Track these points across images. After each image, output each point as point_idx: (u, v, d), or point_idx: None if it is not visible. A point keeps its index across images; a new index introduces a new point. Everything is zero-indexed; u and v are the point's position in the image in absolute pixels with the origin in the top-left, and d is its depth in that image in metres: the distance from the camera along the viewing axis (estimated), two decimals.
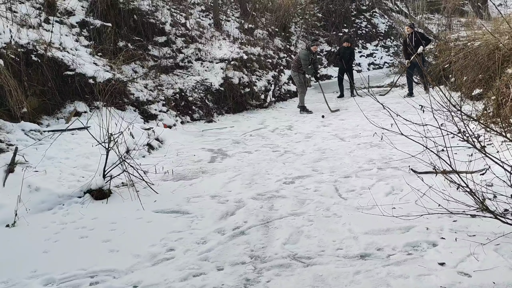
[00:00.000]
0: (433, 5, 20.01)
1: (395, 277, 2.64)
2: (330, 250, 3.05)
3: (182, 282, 2.79)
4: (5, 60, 6.13)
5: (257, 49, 11.90)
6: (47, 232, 3.70)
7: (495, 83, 6.09)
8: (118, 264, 3.05)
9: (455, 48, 9.07)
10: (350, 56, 10.85)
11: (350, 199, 4.03)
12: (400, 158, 4.55)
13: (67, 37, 7.93)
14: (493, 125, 5.28)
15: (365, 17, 20.23)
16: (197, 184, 4.84)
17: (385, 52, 19.33)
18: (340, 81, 10.96)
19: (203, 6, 13.31)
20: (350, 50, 11.05)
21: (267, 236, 3.36)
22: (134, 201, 4.24)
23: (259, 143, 6.74)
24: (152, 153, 6.41)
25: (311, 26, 18.00)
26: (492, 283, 2.48)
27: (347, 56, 10.72)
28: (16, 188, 4.11)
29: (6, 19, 6.97)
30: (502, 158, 3.21)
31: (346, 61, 10.60)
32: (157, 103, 8.37)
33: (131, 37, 9.44)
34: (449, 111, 3.26)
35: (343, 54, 10.81)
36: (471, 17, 14.22)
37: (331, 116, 8.75)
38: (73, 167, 5.01)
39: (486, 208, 3.01)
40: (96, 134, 4.65)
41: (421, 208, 3.29)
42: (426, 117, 3.56)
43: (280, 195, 4.27)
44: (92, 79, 7.27)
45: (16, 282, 2.90)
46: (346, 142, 6.30)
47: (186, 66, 10.05)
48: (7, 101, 5.81)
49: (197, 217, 3.84)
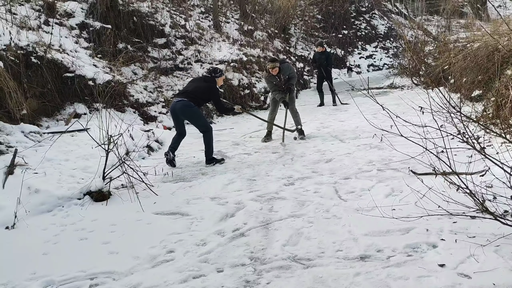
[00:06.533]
0: (432, 6, 20.05)
1: (395, 278, 2.63)
2: (330, 252, 3.05)
3: (182, 284, 2.78)
4: (4, 62, 6.13)
5: (257, 50, 11.92)
6: (47, 234, 3.69)
7: (495, 84, 6.10)
8: (118, 266, 3.04)
9: (455, 50, 9.09)
10: (326, 62, 10.25)
11: (350, 200, 4.02)
12: (400, 159, 4.55)
13: (67, 39, 7.94)
14: (493, 126, 5.28)
15: (364, 19, 20.27)
16: (197, 185, 4.83)
17: (384, 54, 19.36)
18: (320, 89, 10.42)
19: (203, 8, 13.33)
20: (326, 55, 10.41)
21: (267, 238, 3.36)
22: (134, 203, 4.23)
23: (259, 145, 6.74)
24: (152, 154, 6.41)
25: (311, 28, 18.03)
26: (492, 284, 2.48)
27: (324, 62, 10.18)
28: (16, 190, 4.11)
29: (6, 21, 6.98)
30: (502, 159, 3.21)
31: (324, 67, 10.12)
32: (156, 105, 8.38)
33: (130, 39, 9.45)
34: (449, 113, 3.26)
35: (318, 60, 10.28)
36: (470, 19, 14.25)
37: (330, 117, 8.75)
38: (73, 169, 5.00)
39: (486, 210, 3.01)
40: (95, 136, 4.65)
41: (421, 209, 3.29)
42: (426, 119, 3.57)
43: (280, 197, 4.26)
44: (92, 81, 7.28)
45: (16, 284, 2.89)
46: (345, 144, 6.30)
47: (186, 68, 10.06)
48: (6, 103, 5.82)
49: (196, 218, 3.84)
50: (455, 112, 3.24)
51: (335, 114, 9.18)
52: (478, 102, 6.67)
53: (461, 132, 3.22)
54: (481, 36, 7.84)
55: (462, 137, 3.18)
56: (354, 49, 18.87)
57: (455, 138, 3.41)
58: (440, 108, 3.31)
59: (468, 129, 3.25)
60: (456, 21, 16.43)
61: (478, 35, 8.38)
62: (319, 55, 10.34)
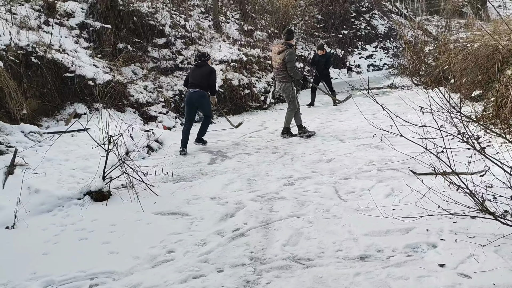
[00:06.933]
0: (432, 6, 20.05)
1: (395, 278, 2.63)
2: (330, 252, 3.05)
3: (182, 284, 2.78)
4: (4, 62, 6.14)
5: (257, 50, 11.92)
6: (47, 234, 3.69)
7: (495, 84, 6.10)
8: (118, 266, 3.04)
9: (455, 50, 9.09)
10: (325, 64, 10.52)
11: (350, 200, 4.03)
12: (400, 159, 4.56)
13: (67, 39, 7.94)
14: (493, 126, 5.28)
15: (364, 19, 20.27)
16: (197, 185, 4.83)
17: (384, 54, 19.36)
18: (313, 90, 10.50)
19: (203, 8, 13.33)
20: (326, 57, 10.62)
21: (267, 238, 3.36)
22: (134, 203, 4.24)
23: (259, 145, 6.74)
24: (152, 154, 6.41)
25: (311, 28, 18.02)
26: (492, 284, 2.48)
27: (322, 64, 10.43)
28: (16, 190, 4.11)
29: (6, 21, 6.98)
30: (502, 159, 3.22)
31: (321, 69, 10.40)
32: (156, 105, 8.37)
33: (130, 39, 9.45)
34: (449, 113, 3.26)
35: (317, 62, 10.55)
36: (470, 19, 14.25)
37: (330, 117, 8.75)
38: (73, 169, 5.00)
39: (486, 210, 3.01)
40: (95, 136, 4.65)
41: (421, 209, 3.29)
42: (426, 119, 3.57)
43: (280, 197, 4.26)
44: (92, 81, 7.28)
45: (16, 284, 2.89)
46: (345, 144, 6.30)
47: (186, 68, 10.05)
48: (6, 103, 5.82)
49: (196, 218, 3.84)
50: (455, 112, 3.24)
51: (335, 114, 9.18)
52: (478, 102, 6.67)
53: (461, 132, 3.22)
54: (481, 36, 7.84)
55: (462, 137, 3.18)
56: (354, 49, 18.87)
57: (455, 138, 3.42)
58: (440, 108, 3.31)
59: (468, 129, 3.25)
60: (456, 21, 16.43)
61: (478, 35, 8.39)
62: (319, 57, 10.53)
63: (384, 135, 3.48)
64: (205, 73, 6.57)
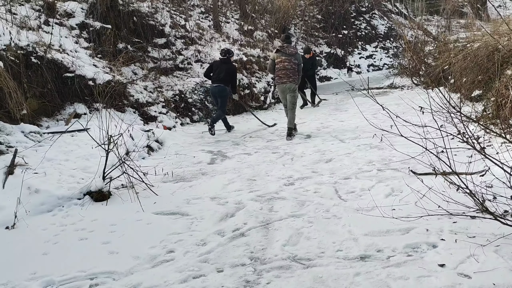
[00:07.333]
0: (432, 6, 20.05)
1: (395, 278, 2.63)
2: (330, 252, 3.05)
3: (182, 284, 2.78)
4: (4, 62, 6.14)
5: (257, 50, 11.92)
6: (47, 234, 3.69)
7: (495, 84, 6.10)
8: (118, 266, 3.04)
9: (455, 50, 9.09)
10: (312, 66, 10.62)
11: (350, 200, 4.03)
12: (400, 159, 4.55)
13: (67, 39, 7.94)
14: (493, 126, 5.28)
15: (364, 19, 20.26)
16: (197, 185, 4.83)
17: (384, 54, 19.35)
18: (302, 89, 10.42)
19: (203, 8, 13.33)
20: (312, 60, 10.71)
21: (267, 238, 3.36)
22: (134, 203, 4.23)
23: (259, 145, 6.74)
24: (152, 154, 6.41)
25: (311, 28, 18.02)
26: (492, 284, 2.48)
27: (309, 66, 10.42)
28: (16, 190, 4.11)
29: (6, 21, 6.98)
30: (502, 159, 3.21)
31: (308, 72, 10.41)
32: (156, 105, 8.37)
33: (130, 39, 9.45)
34: (449, 113, 3.26)
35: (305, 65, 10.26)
36: (470, 19, 14.24)
37: (330, 117, 8.76)
38: (73, 169, 5.01)
39: (486, 210, 3.01)
40: (95, 136, 4.65)
41: (421, 209, 3.29)
42: (426, 119, 3.57)
43: (280, 197, 4.26)
44: (92, 81, 7.28)
45: (16, 284, 2.89)
46: (345, 144, 6.30)
47: (186, 68, 10.06)
48: (6, 103, 5.82)
49: (196, 218, 3.84)
50: (455, 112, 3.24)
51: (335, 114, 9.19)
52: (478, 102, 6.67)
53: (461, 132, 3.22)
54: (481, 36, 7.84)
55: (462, 137, 3.18)
56: (354, 49, 18.85)
57: (455, 138, 3.41)
58: (440, 108, 3.31)
59: (468, 129, 3.25)
60: (456, 21, 16.43)
61: (478, 35, 8.39)
62: (306, 60, 10.34)
63: (384, 135, 3.47)
64: (230, 72, 7.59)
